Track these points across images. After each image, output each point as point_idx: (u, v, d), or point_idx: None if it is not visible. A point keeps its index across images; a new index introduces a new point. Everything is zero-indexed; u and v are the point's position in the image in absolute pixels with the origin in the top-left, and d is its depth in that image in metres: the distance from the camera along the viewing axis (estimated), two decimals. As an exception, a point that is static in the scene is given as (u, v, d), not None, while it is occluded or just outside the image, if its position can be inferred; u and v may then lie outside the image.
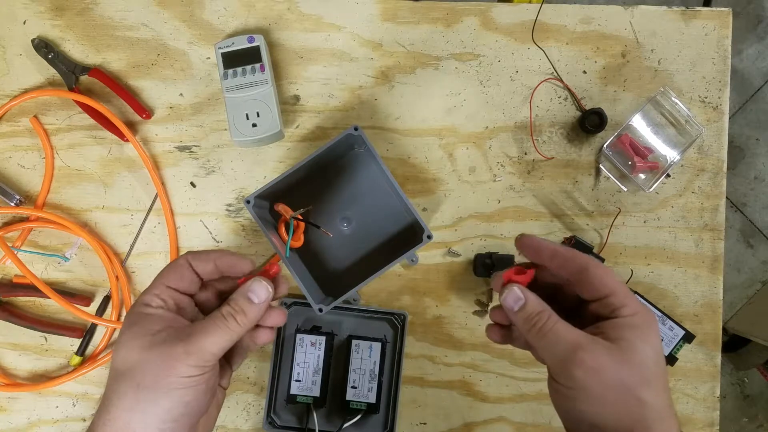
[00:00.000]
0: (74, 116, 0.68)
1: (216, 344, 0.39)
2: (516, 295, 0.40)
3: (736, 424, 1.55)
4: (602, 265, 0.40)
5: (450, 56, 0.67)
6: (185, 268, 0.43)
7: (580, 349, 0.36)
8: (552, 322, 0.38)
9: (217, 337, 0.40)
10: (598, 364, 0.35)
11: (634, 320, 0.37)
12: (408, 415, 0.66)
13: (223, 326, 0.40)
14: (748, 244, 1.57)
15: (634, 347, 0.36)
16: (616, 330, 0.37)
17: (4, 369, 0.67)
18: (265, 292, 0.42)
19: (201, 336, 0.39)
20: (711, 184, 0.67)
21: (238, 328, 0.40)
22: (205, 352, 0.39)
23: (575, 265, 0.40)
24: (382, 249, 0.65)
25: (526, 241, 0.42)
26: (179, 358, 0.38)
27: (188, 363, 0.38)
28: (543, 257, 0.41)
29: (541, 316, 0.39)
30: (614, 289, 0.38)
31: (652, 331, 0.38)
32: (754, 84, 1.57)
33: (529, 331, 0.39)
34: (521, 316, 0.40)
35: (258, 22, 0.68)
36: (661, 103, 0.65)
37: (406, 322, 0.65)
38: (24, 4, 0.68)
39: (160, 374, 0.38)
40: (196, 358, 0.38)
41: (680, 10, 0.68)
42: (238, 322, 0.40)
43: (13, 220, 0.68)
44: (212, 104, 0.67)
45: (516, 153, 0.67)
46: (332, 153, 0.63)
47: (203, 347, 0.39)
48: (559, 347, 0.37)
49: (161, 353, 0.38)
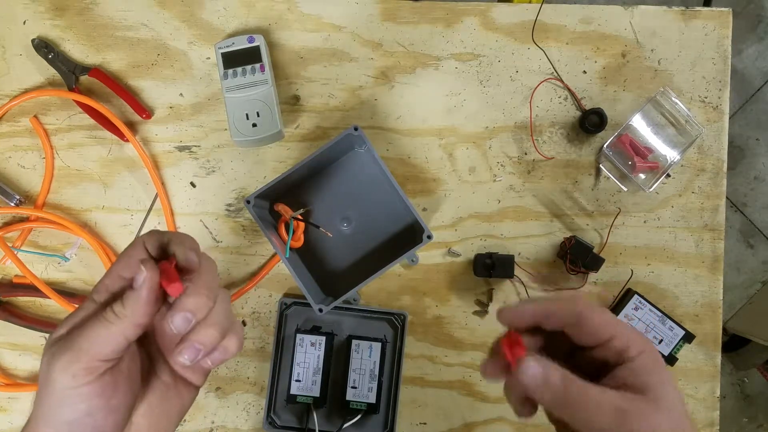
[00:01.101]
0: (74, 116, 0.68)
1: (89, 341, 0.35)
2: (535, 370, 0.35)
3: (736, 424, 1.55)
4: (593, 306, 0.37)
5: (450, 56, 0.68)
6: (139, 248, 0.39)
7: (629, 416, 0.33)
8: (580, 388, 0.34)
9: (90, 331, 0.35)
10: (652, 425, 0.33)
11: (646, 360, 0.35)
12: (408, 415, 0.66)
13: (99, 319, 0.36)
14: (748, 244, 1.57)
15: (666, 393, 0.34)
16: (636, 377, 0.35)
17: (4, 369, 0.67)
18: (140, 276, 0.36)
19: (75, 333, 0.35)
20: (711, 184, 0.67)
21: (117, 321, 0.36)
22: (77, 352, 0.34)
23: (568, 317, 0.37)
24: (382, 249, 0.65)
25: (508, 314, 0.38)
26: (52, 361, 0.35)
27: (59, 368, 0.34)
28: (536, 322, 0.38)
29: (569, 387, 0.34)
30: (614, 331, 0.36)
31: (663, 363, 0.36)
32: (754, 84, 1.57)
33: (560, 406, 0.35)
34: (548, 396, 0.35)
35: (258, 22, 0.68)
36: (661, 103, 0.65)
37: (406, 322, 0.65)
38: (24, 4, 0.68)
39: (43, 386, 0.35)
40: (67, 360, 0.34)
41: (680, 10, 0.68)
42: (116, 313, 0.36)
43: (13, 220, 0.68)
44: (212, 104, 0.67)
45: (516, 153, 0.67)
46: (332, 153, 0.63)
47: (76, 345, 0.35)
48: (604, 418, 0.33)
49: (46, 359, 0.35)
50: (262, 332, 0.67)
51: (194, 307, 0.37)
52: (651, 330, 0.63)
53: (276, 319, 0.65)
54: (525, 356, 0.36)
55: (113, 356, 0.36)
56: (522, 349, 0.37)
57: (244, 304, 0.67)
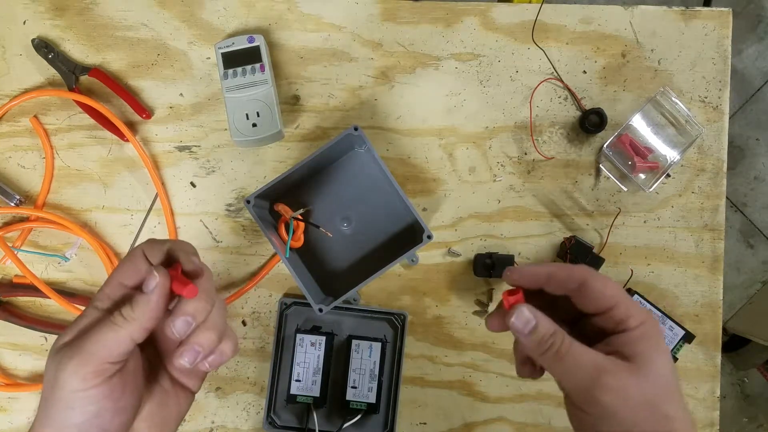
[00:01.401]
0: (74, 116, 0.68)
1: (98, 344, 0.36)
2: (525, 316, 0.37)
3: (736, 424, 1.55)
4: (600, 274, 0.38)
5: (450, 56, 0.68)
6: (139, 258, 0.39)
7: (603, 373, 0.34)
8: (568, 344, 0.36)
9: (99, 335, 0.36)
10: (623, 387, 0.34)
11: (644, 331, 0.36)
12: (408, 415, 0.66)
13: (108, 323, 0.36)
14: (748, 244, 1.57)
15: (652, 362, 0.35)
16: (629, 346, 0.36)
17: (4, 369, 0.67)
18: (153, 280, 0.37)
19: (84, 338, 0.36)
20: (711, 184, 0.67)
21: (126, 324, 0.36)
22: (86, 355, 0.35)
23: (573, 281, 0.38)
24: (382, 249, 0.65)
25: (515, 275, 0.40)
26: (61, 366, 0.35)
27: (68, 371, 0.35)
28: (539, 282, 0.39)
29: (555, 338, 0.36)
30: (617, 300, 0.37)
31: (661, 338, 0.37)
32: (754, 84, 1.57)
33: (543, 354, 0.37)
34: (534, 340, 0.37)
35: (258, 22, 0.68)
36: (661, 103, 0.65)
37: (406, 322, 0.65)
38: (24, 4, 0.68)
39: (51, 388, 0.35)
40: (76, 363, 0.35)
41: (680, 10, 0.68)
42: (125, 317, 0.36)
43: (13, 220, 0.68)
44: (212, 104, 0.67)
45: (516, 153, 0.67)
46: (332, 153, 0.63)
47: (85, 350, 0.35)
48: (580, 372, 0.35)
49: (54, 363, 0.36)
50: (262, 332, 0.67)
51: (194, 311, 0.38)
52: (651, 330, 0.63)
53: (276, 319, 0.65)
54: (520, 304, 0.38)
55: (120, 359, 0.37)
56: (521, 299, 0.39)
57: (244, 304, 0.67)
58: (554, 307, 0.40)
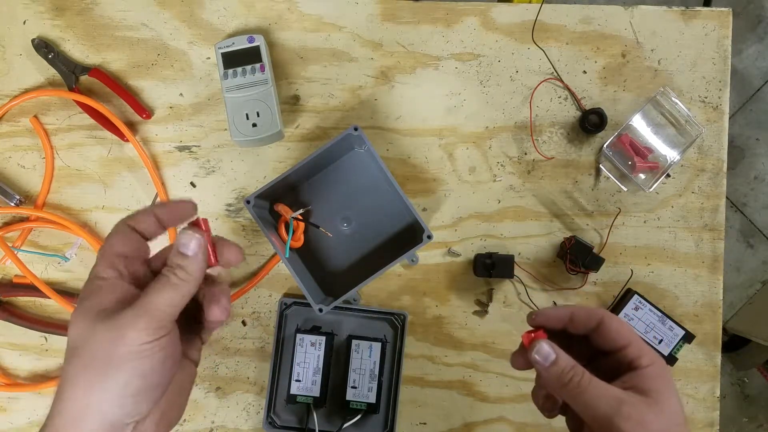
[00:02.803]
0: (74, 116, 0.68)
1: (164, 301, 0.37)
2: (546, 350, 0.41)
3: (736, 424, 1.55)
4: (616, 316, 0.42)
5: (450, 56, 0.67)
6: (127, 231, 0.40)
7: (623, 404, 0.38)
8: (588, 377, 0.39)
9: (163, 294, 0.38)
10: (642, 418, 0.37)
11: (656, 370, 0.40)
12: (408, 415, 0.66)
13: (166, 283, 0.38)
14: (748, 244, 1.57)
15: (666, 397, 0.39)
16: (644, 382, 0.39)
17: (4, 369, 0.67)
18: (194, 242, 0.40)
19: (147, 296, 0.37)
20: (711, 184, 0.67)
21: (183, 284, 0.39)
22: (155, 311, 0.37)
23: (593, 320, 0.42)
24: (382, 249, 0.65)
25: (541, 318, 0.44)
26: (128, 324, 0.36)
27: (138, 327, 0.36)
28: (563, 322, 0.43)
29: (576, 371, 0.40)
30: (630, 340, 0.41)
31: (671, 377, 0.40)
32: (754, 84, 1.57)
33: (564, 386, 0.40)
34: (554, 372, 0.40)
35: (258, 22, 0.68)
36: (661, 103, 0.65)
37: (406, 322, 0.65)
38: (24, 4, 0.68)
39: (111, 347, 0.36)
40: (147, 319, 0.36)
41: (680, 10, 0.68)
42: (180, 277, 0.39)
43: (13, 220, 0.68)
44: (212, 104, 0.67)
45: (516, 153, 0.67)
46: (332, 153, 0.63)
47: (152, 306, 0.37)
48: (602, 402, 0.38)
49: (109, 325, 0.36)
50: (262, 332, 0.67)
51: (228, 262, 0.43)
52: (651, 330, 0.63)
53: (276, 319, 0.65)
54: (540, 339, 0.41)
55: (177, 315, 0.39)
56: (541, 336, 0.42)
57: (244, 304, 0.67)
58: (569, 348, 0.43)
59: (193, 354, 0.45)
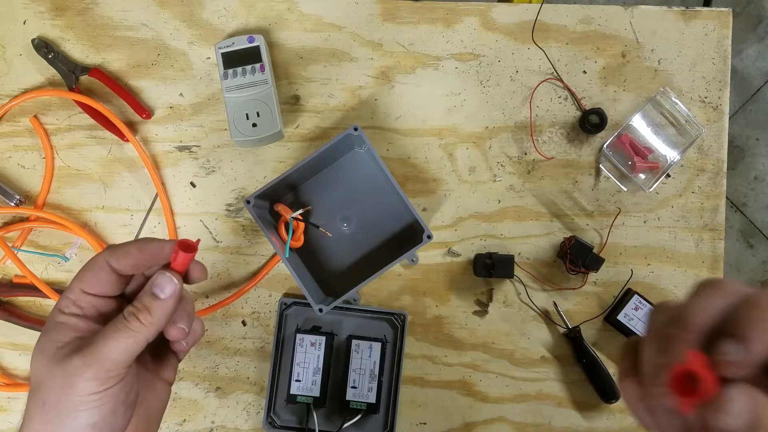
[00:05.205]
0: (74, 116, 0.68)
1: (117, 349, 0.35)
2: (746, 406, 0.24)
3: (736, 424, 1.54)
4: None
5: (450, 56, 0.68)
6: (102, 269, 0.38)
7: None
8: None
9: (118, 342, 0.35)
10: None
11: None
12: (408, 415, 0.66)
13: (123, 329, 0.36)
14: (748, 244, 1.57)
15: None
16: None
17: (4, 369, 0.67)
18: (171, 286, 0.38)
19: (99, 344, 0.35)
20: (711, 184, 0.67)
21: (143, 329, 0.36)
22: (105, 361, 0.35)
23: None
24: (382, 249, 0.65)
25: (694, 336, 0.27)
26: (76, 372, 0.34)
27: (86, 377, 0.34)
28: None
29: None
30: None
31: None
32: (754, 84, 1.57)
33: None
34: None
35: (258, 22, 0.68)
36: (661, 103, 0.65)
37: (406, 322, 0.65)
38: (24, 4, 0.68)
39: (62, 394, 0.34)
40: (96, 370, 0.34)
41: (680, 10, 0.68)
42: (142, 322, 0.36)
43: (13, 220, 0.68)
44: (212, 104, 0.67)
45: (516, 153, 0.67)
46: (332, 153, 0.63)
47: (103, 356, 0.35)
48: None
49: (63, 370, 0.35)
50: (262, 332, 0.67)
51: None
52: (651, 330, 0.63)
53: (276, 319, 0.65)
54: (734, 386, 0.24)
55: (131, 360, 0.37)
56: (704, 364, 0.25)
57: (244, 304, 0.67)
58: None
59: (168, 374, 0.43)
